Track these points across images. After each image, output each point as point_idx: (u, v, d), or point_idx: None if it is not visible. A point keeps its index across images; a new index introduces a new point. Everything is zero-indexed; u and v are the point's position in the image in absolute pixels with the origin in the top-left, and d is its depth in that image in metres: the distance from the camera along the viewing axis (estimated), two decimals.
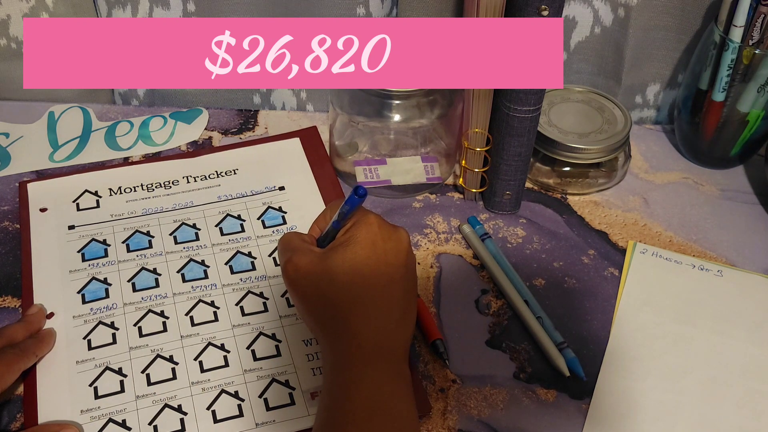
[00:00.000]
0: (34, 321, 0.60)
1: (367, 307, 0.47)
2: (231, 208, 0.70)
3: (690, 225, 0.71)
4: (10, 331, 0.57)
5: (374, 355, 0.46)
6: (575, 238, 0.69)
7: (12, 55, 0.79)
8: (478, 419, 0.56)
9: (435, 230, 0.70)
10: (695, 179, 0.76)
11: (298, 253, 0.49)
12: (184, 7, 0.76)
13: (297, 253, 0.49)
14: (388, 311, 0.47)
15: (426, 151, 0.73)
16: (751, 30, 0.66)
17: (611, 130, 0.72)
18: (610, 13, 0.76)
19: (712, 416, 0.56)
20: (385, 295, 0.48)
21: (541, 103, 0.63)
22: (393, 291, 0.48)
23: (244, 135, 0.79)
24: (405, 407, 0.46)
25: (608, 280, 0.66)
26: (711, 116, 0.72)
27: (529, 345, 0.61)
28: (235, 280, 0.64)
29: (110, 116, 0.81)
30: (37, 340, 0.58)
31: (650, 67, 0.79)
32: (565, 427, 0.56)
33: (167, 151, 0.77)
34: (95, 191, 0.71)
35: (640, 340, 0.61)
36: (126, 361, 0.58)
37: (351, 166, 0.73)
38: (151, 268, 0.64)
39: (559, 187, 0.73)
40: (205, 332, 0.60)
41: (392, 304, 0.48)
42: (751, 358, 0.60)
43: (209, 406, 0.56)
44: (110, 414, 0.55)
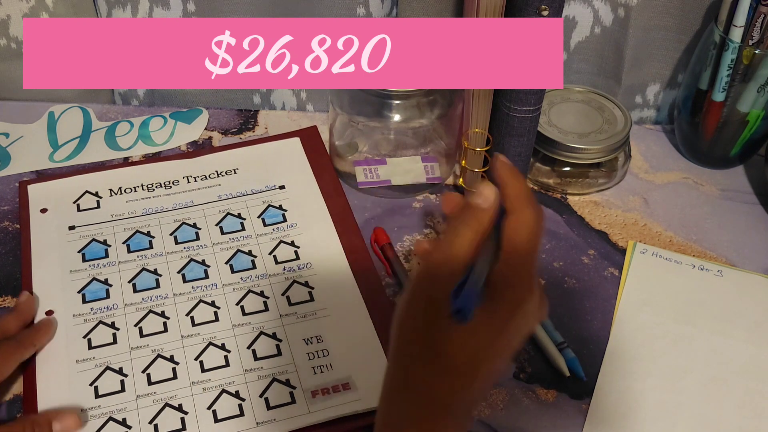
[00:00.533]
0: (24, 309, 0.59)
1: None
2: (231, 207, 0.70)
3: (690, 225, 0.71)
4: (2, 323, 0.57)
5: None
6: (575, 238, 0.69)
7: (12, 55, 0.79)
8: (478, 419, 0.56)
9: (435, 230, 0.70)
10: (695, 179, 0.76)
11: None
12: (184, 7, 0.76)
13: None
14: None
15: (426, 151, 0.73)
16: (751, 30, 0.67)
17: (611, 130, 0.72)
18: (610, 13, 0.76)
19: (712, 416, 0.56)
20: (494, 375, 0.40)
21: (541, 103, 0.63)
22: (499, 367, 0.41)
23: (244, 135, 0.79)
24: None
25: (608, 280, 0.66)
26: (711, 116, 0.72)
27: (529, 345, 0.61)
28: (236, 279, 0.64)
29: (110, 116, 0.81)
30: (34, 330, 0.58)
31: (650, 67, 0.79)
32: (565, 427, 0.56)
33: (167, 151, 0.77)
34: (95, 192, 0.71)
35: (640, 340, 0.61)
36: (126, 361, 0.58)
37: (351, 166, 0.73)
38: (152, 269, 0.64)
39: (559, 187, 0.73)
40: (206, 332, 0.60)
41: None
42: (751, 358, 0.60)
43: (210, 405, 0.56)
44: (110, 413, 0.55)
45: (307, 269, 0.65)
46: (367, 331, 0.60)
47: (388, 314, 0.61)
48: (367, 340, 0.59)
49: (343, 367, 0.58)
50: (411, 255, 0.67)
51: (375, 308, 0.62)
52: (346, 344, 0.59)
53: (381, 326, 0.60)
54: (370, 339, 0.60)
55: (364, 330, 0.60)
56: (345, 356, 0.58)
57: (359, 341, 0.59)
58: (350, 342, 0.59)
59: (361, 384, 0.57)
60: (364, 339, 0.60)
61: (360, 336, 0.60)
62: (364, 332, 0.60)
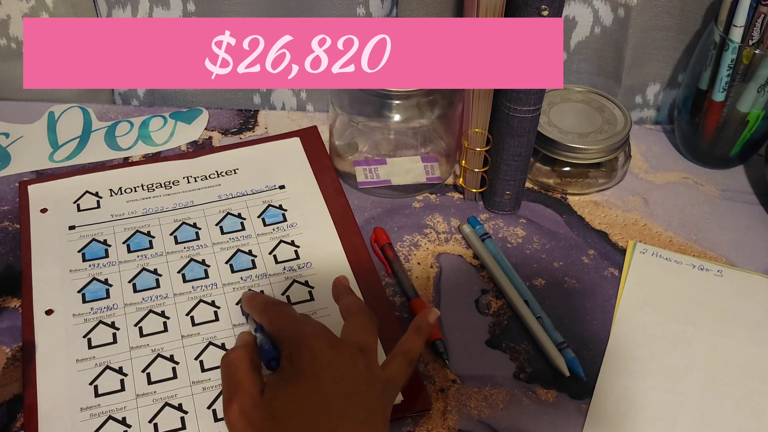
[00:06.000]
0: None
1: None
2: (231, 206, 0.70)
3: (690, 225, 0.71)
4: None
5: None
6: (575, 238, 0.69)
7: (12, 55, 0.79)
8: (478, 419, 0.56)
9: (435, 230, 0.70)
10: (695, 179, 0.76)
11: (242, 394, 0.46)
12: (184, 7, 0.76)
13: (240, 394, 0.46)
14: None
15: (426, 151, 0.73)
16: (751, 30, 0.67)
17: (611, 130, 0.72)
18: (610, 13, 0.76)
19: (712, 416, 0.56)
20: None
21: (541, 103, 0.63)
22: (347, 425, 0.44)
23: (244, 135, 0.79)
24: None
25: (608, 280, 0.66)
26: (711, 116, 0.72)
27: (529, 345, 0.61)
28: (236, 279, 0.64)
29: (110, 116, 0.81)
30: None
31: (650, 67, 0.79)
32: (565, 427, 0.56)
33: (167, 151, 0.77)
34: (96, 192, 0.71)
35: (640, 340, 0.61)
36: (126, 361, 0.58)
37: (351, 166, 0.73)
38: (152, 269, 0.65)
39: (559, 187, 0.73)
40: (206, 332, 0.60)
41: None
42: (751, 358, 0.60)
43: (210, 405, 0.56)
44: (110, 412, 0.55)
45: (307, 269, 0.65)
46: None
47: (387, 314, 0.61)
48: None
49: None
50: (411, 255, 0.67)
51: (374, 308, 0.61)
52: None
53: (380, 326, 0.60)
54: None
55: None
56: None
57: None
58: None
59: None
60: None
61: None
62: None
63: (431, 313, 0.55)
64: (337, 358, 0.47)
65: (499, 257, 0.66)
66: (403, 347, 0.52)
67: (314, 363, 0.46)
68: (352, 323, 0.52)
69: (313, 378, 0.46)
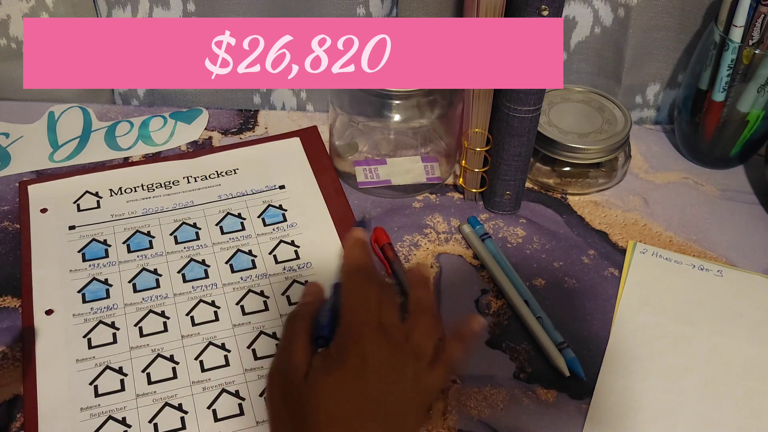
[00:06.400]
0: None
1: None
2: (231, 206, 0.70)
3: (690, 225, 0.71)
4: None
5: None
6: (575, 238, 0.69)
7: (12, 55, 0.79)
8: (478, 419, 0.56)
9: (435, 230, 0.70)
10: (695, 179, 0.76)
11: (291, 369, 0.46)
12: (184, 7, 0.76)
13: (290, 367, 0.46)
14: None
15: (426, 151, 0.73)
16: (751, 30, 0.67)
17: (611, 130, 0.72)
18: (610, 13, 0.76)
19: (712, 416, 0.56)
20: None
21: (541, 103, 0.63)
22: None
23: (244, 135, 0.79)
24: None
25: (608, 280, 0.66)
26: (711, 116, 0.72)
27: (529, 345, 0.61)
28: (236, 279, 0.64)
29: (110, 116, 0.81)
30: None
31: (650, 67, 0.79)
32: (565, 427, 0.56)
33: (167, 151, 0.77)
34: (96, 192, 0.71)
35: (640, 340, 0.61)
36: (126, 361, 0.58)
37: (351, 166, 0.73)
38: (152, 269, 0.65)
39: (559, 187, 0.73)
40: (206, 332, 0.60)
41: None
42: (751, 358, 0.60)
43: (210, 405, 0.56)
44: (110, 412, 0.55)
45: (307, 269, 0.65)
46: None
47: None
48: None
49: None
50: (411, 255, 0.67)
51: None
52: None
53: None
54: None
55: None
56: None
57: None
58: None
59: None
60: None
61: None
62: None
63: (475, 322, 0.51)
64: (390, 361, 0.45)
65: (499, 257, 0.66)
66: (447, 356, 0.49)
67: (364, 361, 0.45)
68: (415, 322, 0.49)
69: (358, 378, 0.44)
